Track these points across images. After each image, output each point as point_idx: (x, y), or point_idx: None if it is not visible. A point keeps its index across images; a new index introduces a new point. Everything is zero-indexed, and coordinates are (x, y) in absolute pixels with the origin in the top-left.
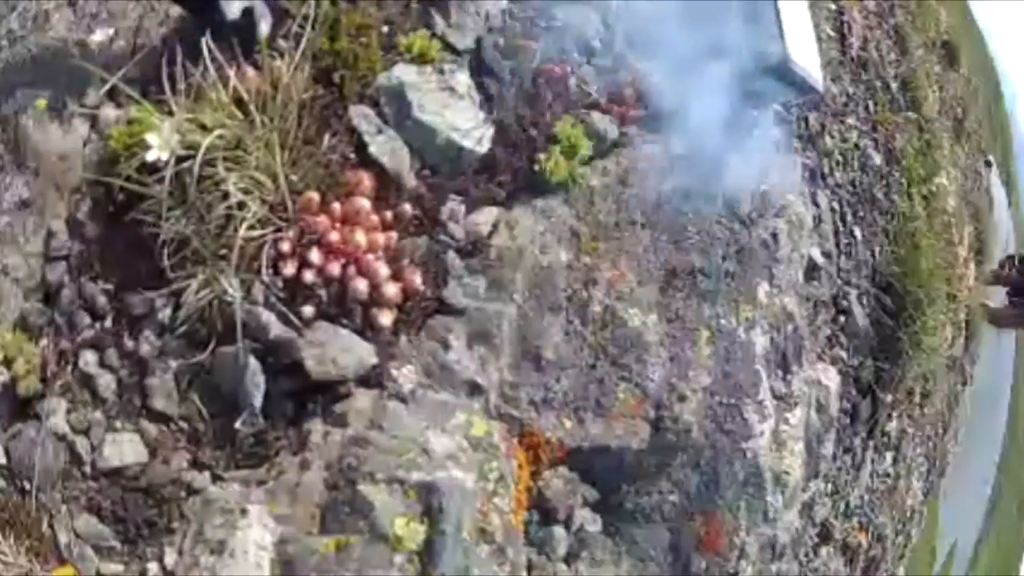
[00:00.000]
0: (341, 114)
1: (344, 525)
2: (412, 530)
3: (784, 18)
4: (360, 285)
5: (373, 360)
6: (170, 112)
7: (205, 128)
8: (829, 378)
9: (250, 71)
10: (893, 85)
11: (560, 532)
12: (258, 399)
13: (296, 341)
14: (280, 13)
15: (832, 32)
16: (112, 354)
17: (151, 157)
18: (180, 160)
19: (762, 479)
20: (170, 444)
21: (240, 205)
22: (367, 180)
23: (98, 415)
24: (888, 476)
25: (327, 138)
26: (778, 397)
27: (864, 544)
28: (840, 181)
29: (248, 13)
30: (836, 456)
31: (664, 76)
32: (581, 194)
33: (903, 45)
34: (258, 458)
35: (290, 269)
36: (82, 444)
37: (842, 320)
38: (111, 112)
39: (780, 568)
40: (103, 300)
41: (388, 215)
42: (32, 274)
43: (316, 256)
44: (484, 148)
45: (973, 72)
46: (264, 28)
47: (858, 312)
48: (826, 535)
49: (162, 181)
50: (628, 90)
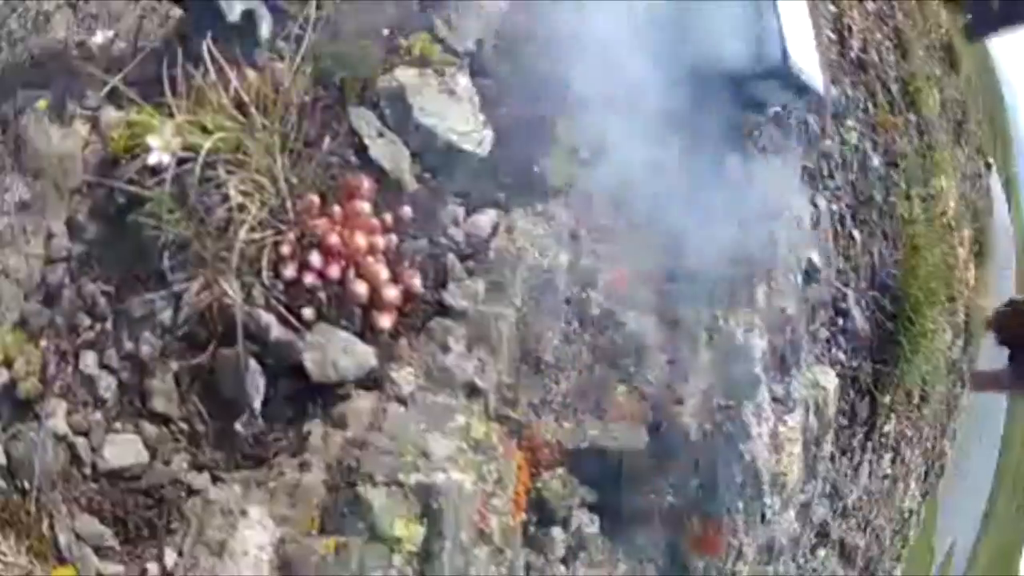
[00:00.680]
0: (341, 117)
1: (343, 526)
2: (411, 531)
3: (784, 20)
4: (360, 287)
5: (373, 362)
6: (171, 114)
7: (206, 130)
8: (827, 380)
9: (251, 73)
10: (893, 87)
11: (558, 533)
12: (258, 401)
13: (296, 343)
14: (281, 15)
15: (832, 34)
16: (112, 355)
17: (152, 159)
18: (180, 162)
19: (760, 481)
20: (170, 445)
21: (240, 207)
22: (367, 183)
23: (98, 416)
24: (886, 477)
25: (327, 140)
26: (776, 399)
27: (862, 545)
28: (839, 183)
29: (249, 15)
30: (834, 457)
31: (664, 77)
32: (581, 197)
33: (903, 47)
34: (258, 459)
35: (290, 271)
36: (82, 445)
37: (841, 322)
38: (111, 114)
39: (778, 569)
40: (103, 301)
41: (388, 218)
42: (32, 275)
43: (316, 258)
44: (484, 151)
45: (973, 74)
46: (265, 30)
47: (857, 314)
48: (824, 536)
49: (162, 183)
50: (628, 92)
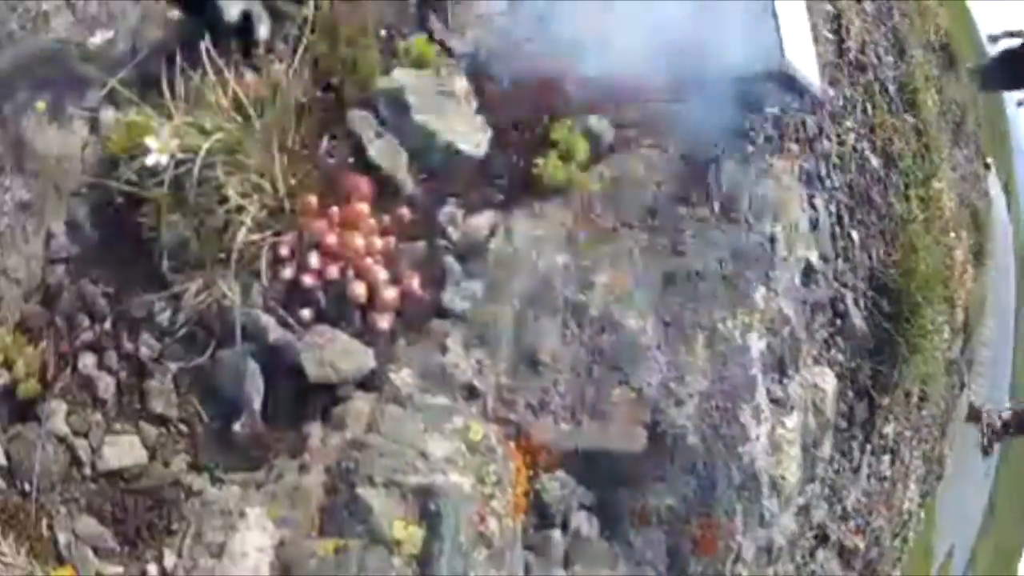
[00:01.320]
0: (340, 118)
1: (343, 528)
2: (410, 533)
3: (782, 21)
4: (358, 289)
5: (371, 363)
6: (169, 115)
7: (204, 131)
8: (826, 381)
9: (249, 75)
10: (891, 88)
11: (557, 535)
12: (257, 402)
13: (295, 344)
14: (279, 17)
15: (830, 34)
16: (111, 356)
17: (150, 160)
18: (179, 163)
19: (758, 482)
20: (169, 446)
21: (239, 208)
22: (365, 184)
23: (98, 417)
24: (885, 479)
25: (326, 142)
26: (774, 401)
27: (861, 547)
28: (838, 184)
29: (247, 17)
30: (833, 459)
31: (662, 79)
32: (578, 197)
33: (901, 47)
34: (257, 461)
35: (289, 272)
36: (82, 446)
37: (839, 323)
38: (110, 114)
39: (776, 571)
40: (103, 302)
41: (386, 219)
42: (32, 276)
43: (315, 260)
44: (482, 152)
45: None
46: (263, 32)
47: (855, 315)
48: (823, 538)
49: (161, 184)
50: (626, 93)
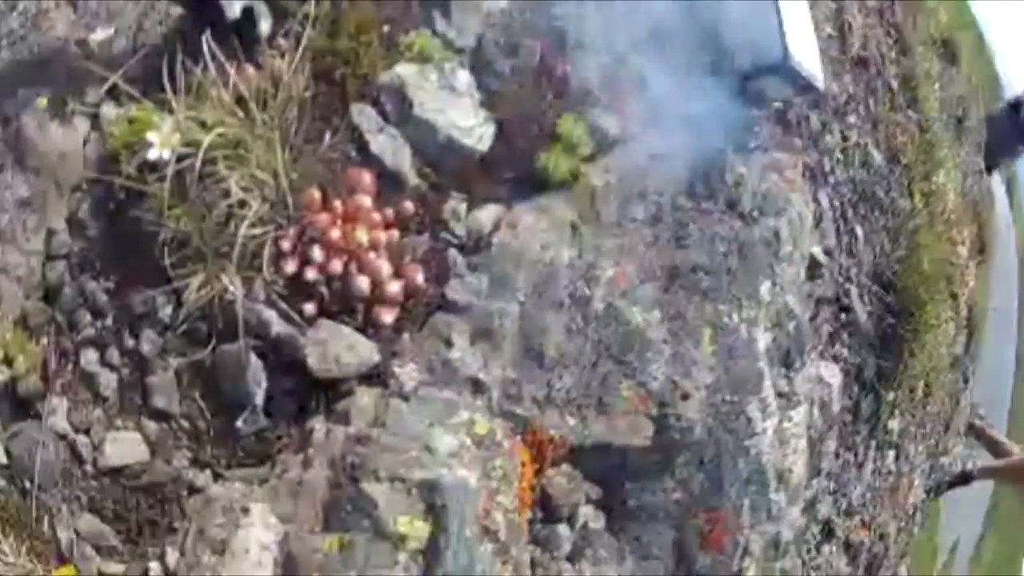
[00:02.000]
0: (342, 112)
1: (347, 523)
2: (415, 528)
3: (785, 16)
4: (362, 283)
5: (375, 358)
6: (171, 110)
7: (206, 126)
8: (831, 376)
9: (251, 69)
10: (894, 83)
11: (564, 530)
12: (260, 397)
13: (298, 339)
14: (281, 11)
15: (832, 31)
16: (113, 352)
17: (152, 155)
18: (181, 158)
19: (765, 477)
20: (171, 443)
21: (241, 203)
22: (368, 178)
23: (99, 414)
24: (890, 474)
25: (328, 136)
26: (781, 395)
27: (866, 542)
28: (841, 179)
29: (249, 11)
30: (838, 454)
31: (665, 73)
32: (583, 191)
33: (903, 44)
34: (260, 456)
35: (291, 267)
36: (83, 443)
37: (844, 318)
38: (111, 110)
39: (783, 566)
40: (104, 298)
41: (390, 213)
42: (32, 273)
43: (317, 254)
44: (485, 146)
45: (973, 71)
46: (265, 26)
47: (860, 310)
48: (829, 533)
49: (163, 179)
50: (629, 88)
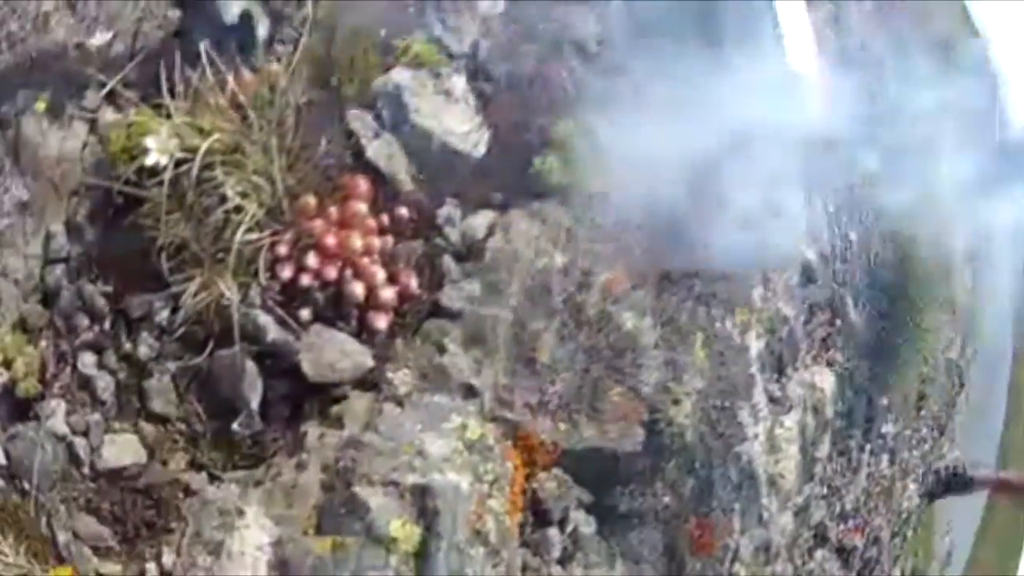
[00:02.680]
0: (338, 118)
1: (340, 526)
2: (408, 532)
3: (782, 18)
4: (356, 288)
5: (369, 363)
6: (168, 115)
7: (203, 132)
8: (824, 380)
9: (248, 75)
10: (893, 84)
11: (555, 534)
12: (255, 401)
13: (293, 344)
14: (277, 17)
15: (830, 32)
16: (111, 356)
17: (150, 160)
18: (178, 163)
19: (756, 482)
20: (168, 445)
21: (238, 208)
22: (364, 184)
23: (97, 416)
24: (884, 478)
25: (324, 142)
26: (773, 400)
27: (860, 546)
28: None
29: (246, 17)
30: (831, 458)
31: (660, 77)
32: (577, 197)
33: (901, 46)
34: (255, 459)
35: (287, 272)
36: (81, 445)
37: (837, 322)
38: (110, 115)
39: (775, 570)
40: (102, 302)
41: (384, 219)
42: (31, 276)
43: (313, 259)
44: (480, 151)
45: (973, 72)
46: (262, 32)
47: (853, 314)
48: (822, 537)
49: (160, 184)
50: (624, 93)
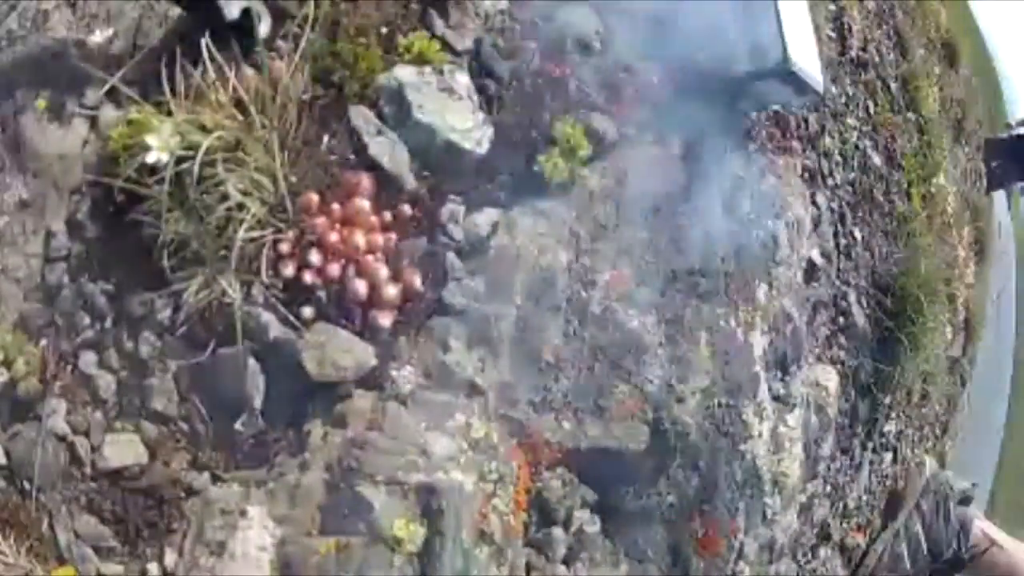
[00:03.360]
0: (341, 115)
1: (344, 526)
2: (412, 531)
3: (784, 19)
4: (359, 286)
5: (372, 361)
6: (169, 113)
7: (204, 129)
8: (828, 379)
9: (249, 72)
10: (893, 86)
11: (559, 533)
12: (258, 400)
13: (296, 342)
14: (279, 14)
15: (832, 33)
16: (112, 355)
17: (151, 158)
18: (180, 161)
19: (760, 480)
20: (170, 445)
21: (240, 206)
22: (366, 181)
23: (98, 416)
24: (887, 477)
25: (327, 139)
26: (777, 398)
27: (863, 545)
28: (839, 182)
29: (247, 14)
30: (835, 457)
31: (663, 76)
32: (580, 195)
33: (903, 46)
34: (258, 459)
35: (290, 270)
36: (82, 445)
37: (841, 321)
38: (111, 113)
39: (778, 569)
40: (103, 301)
41: (387, 216)
42: (32, 275)
43: (315, 257)
44: (483, 149)
45: (973, 72)
46: (263, 29)
47: (857, 313)
48: (825, 536)
49: (162, 182)
50: (627, 90)
